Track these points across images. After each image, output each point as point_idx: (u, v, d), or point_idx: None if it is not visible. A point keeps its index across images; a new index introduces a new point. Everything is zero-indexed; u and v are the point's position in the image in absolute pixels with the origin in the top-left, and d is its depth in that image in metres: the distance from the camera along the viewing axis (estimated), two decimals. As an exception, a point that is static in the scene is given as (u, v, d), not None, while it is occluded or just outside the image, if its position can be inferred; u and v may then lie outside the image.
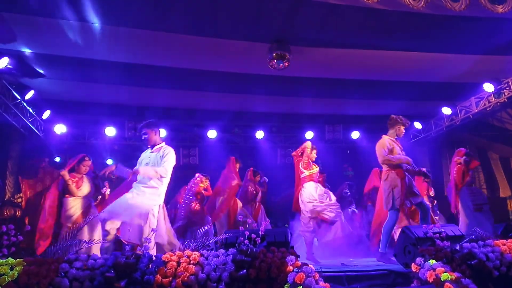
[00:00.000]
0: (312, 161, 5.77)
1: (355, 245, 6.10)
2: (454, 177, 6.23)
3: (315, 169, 5.74)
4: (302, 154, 5.73)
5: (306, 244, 5.64)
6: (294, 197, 5.79)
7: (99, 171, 9.72)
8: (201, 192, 6.59)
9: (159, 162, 4.22)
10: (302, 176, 5.68)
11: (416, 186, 5.11)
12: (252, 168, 7.12)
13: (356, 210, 7.43)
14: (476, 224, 5.52)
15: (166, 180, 4.28)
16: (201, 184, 6.61)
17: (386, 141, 4.96)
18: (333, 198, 5.72)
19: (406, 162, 4.84)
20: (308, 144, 5.73)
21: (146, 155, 4.41)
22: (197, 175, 6.69)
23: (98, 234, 4.73)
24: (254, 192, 7.06)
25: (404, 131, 5.13)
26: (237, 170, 6.66)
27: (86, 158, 5.51)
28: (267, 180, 7.62)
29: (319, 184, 5.76)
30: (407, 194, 4.80)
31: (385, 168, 4.92)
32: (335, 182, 7.91)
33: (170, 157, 4.25)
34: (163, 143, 4.42)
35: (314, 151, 5.78)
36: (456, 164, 6.29)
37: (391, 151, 4.87)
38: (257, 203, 7.05)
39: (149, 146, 4.42)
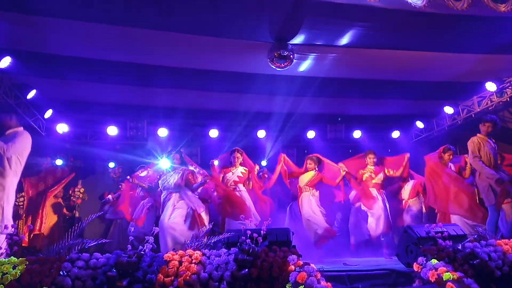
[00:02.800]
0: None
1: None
2: None
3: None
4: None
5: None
6: None
7: (101, 171, 9.77)
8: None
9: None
10: None
11: None
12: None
13: None
14: None
15: (14, 168, 3.98)
16: None
17: (475, 139, 5.38)
18: None
19: (490, 176, 5.09)
20: None
21: None
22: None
23: None
24: None
25: (490, 129, 5.43)
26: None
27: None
28: None
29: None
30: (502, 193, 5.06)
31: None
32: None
33: (15, 142, 3.97)
34: (18, 128, 4.21)
35: None
36: None
37: (479, 149, 5.27)
38: None
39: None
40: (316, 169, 6.73)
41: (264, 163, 9.70)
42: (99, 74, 6.51)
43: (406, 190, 7.16)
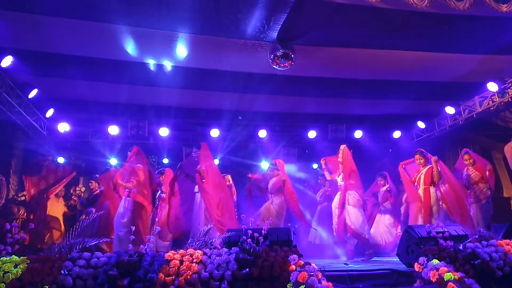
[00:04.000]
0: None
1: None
2: None
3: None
4: None
5: None
6: None
7: (101, 171, 9.79)
8: None
9: None
10: None
11: None
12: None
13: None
14: None
15: None
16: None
17: None
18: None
19: None
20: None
21: None
22: None
23: None
24: None
25: None
26: None
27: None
28: None
29: None
30: None
31: None
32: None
33: None
34: None
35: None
36: None
37: None
38: None
39: None
40: (279, 173, 6.48)
41: (265, 163, 9.71)
42: (100, 73, 6.52)
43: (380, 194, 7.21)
